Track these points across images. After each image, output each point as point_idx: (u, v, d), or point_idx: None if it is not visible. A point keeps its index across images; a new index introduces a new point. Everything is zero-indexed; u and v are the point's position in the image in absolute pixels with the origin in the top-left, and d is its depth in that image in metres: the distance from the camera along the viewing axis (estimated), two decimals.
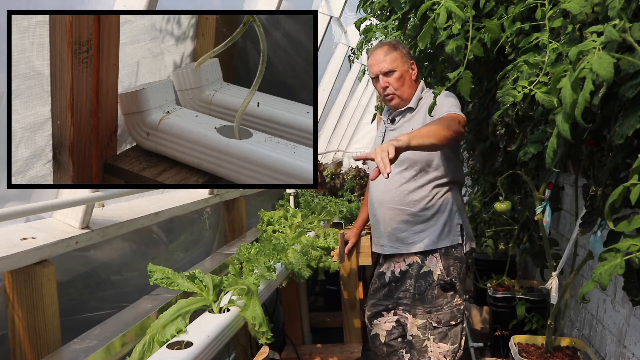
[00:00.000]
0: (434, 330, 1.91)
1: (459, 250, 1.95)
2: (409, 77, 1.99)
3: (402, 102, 2.01)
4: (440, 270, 1.91)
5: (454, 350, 1.92)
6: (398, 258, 2.02)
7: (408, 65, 1.99)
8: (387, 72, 1.97)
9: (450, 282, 1.91)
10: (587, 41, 0.92)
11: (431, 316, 1.91)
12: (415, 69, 2.01)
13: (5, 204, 1.48)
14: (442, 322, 1.91)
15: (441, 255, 1.93)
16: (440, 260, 1.92)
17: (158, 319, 1.29)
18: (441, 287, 1.90)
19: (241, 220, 2.81)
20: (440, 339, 1.91)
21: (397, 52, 1.98)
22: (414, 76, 2.00)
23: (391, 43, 2.01)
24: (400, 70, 1.96)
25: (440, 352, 1.91)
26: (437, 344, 1.91)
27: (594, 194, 1.27)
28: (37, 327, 1.33)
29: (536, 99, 1.25)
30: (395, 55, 1.97)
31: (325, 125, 6.34)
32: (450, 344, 1.91)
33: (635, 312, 1.70)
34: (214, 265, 2.02)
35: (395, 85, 1.97)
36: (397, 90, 1.98)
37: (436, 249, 1.93)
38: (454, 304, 1.92)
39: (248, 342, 2.41)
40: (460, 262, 1.94)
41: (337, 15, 4.42)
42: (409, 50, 2.02)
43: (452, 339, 1.91)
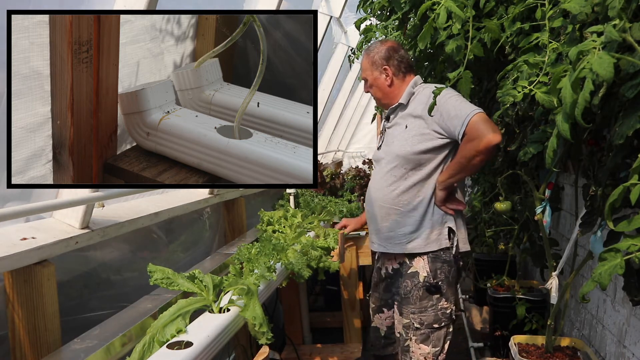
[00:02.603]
0: (416, 331, 1.91)
1: (447, 254, 1.91)
2: (381, 82, 1.99)
3: (388, 102, 2.02)
4: (426, 273, 1.90)
5: (435, 353, 1.90)
6: (390, 256, 2.03)
7: (379, 70, 1.98)
8: (364, 80, 2.05)
9: (435, 285, 1.89)
10: (587, 41, 0.92)
11: (415, 317, 1.91)
12: (389, 70, 1.97)
13: (5, 204, 1.48)
14: (424, 323, 1.89)
15: (429, 257, 1.91)
16: (428, 263, 1.90)
17: (158, 319, 1.29)
18: (426, 289, 1.89)
19: (241, 220, 2.81)
20: (421, 340, 1.90)
21: (368, 59, 2.01)
22: (388, 80, 1.98)
23: (367, 49, 2.04)
24: (370, 78, 2.01)
25: (420, 353, 1.90)
26: (418, 345, 1.91)
27: (594, 194, 1.27)
28: (37, 327, 1.33)
29: (536, 99, 1.25)
30: (365, 64, 2.02)
31: (325, 125, 6.34)
32: (431, 346, 1.90)
33: (635, 312, 1.70)
34: (214, 265, 2.02)
35: (370, 90, 2.05)
36: (374, 95, 2.05)
37: (423, 253, 1.92)
38: (439, 307, 1.90)
39: (248, 342, 2.41)
40: (449, 266, 1.91)
41: (337, 15, 4.42)
42: (387, 49, 1.98)
43: (434, 341, 1.90)
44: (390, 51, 1.98)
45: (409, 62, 2.02)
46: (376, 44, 2.03)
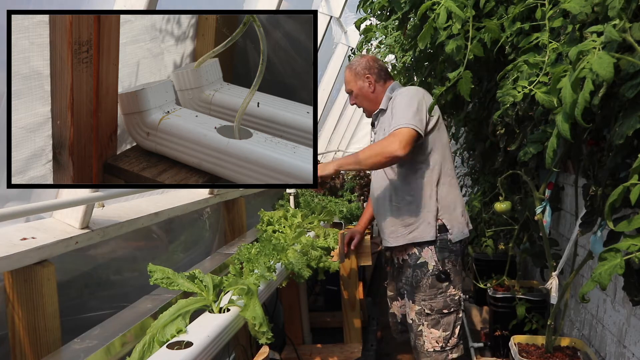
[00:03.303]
0: (427, 316, 2.05)
1: (454, 245, 2.05)
2: (366, 91, 2.13)
3: (373, 109, 2.17)
4: (435, 262, 2.03)
5: (446, 337, 2.04)
6: (400, 247, 2.14)
7: (362, 79, 2.13)
8: (349, 93, 2.19)
9: (445, 272, 2.02)
10: (587, 41, 0.92)
11: (425, 303, 2.04)
12: (372, 78, 2.11)
13: (5, 204, 1.48)
14: (435, 309, 2.03)
15: (436, 247, 2.04)
16: (436, 252, 2.03)
17: (158, 319, 1.29)
18: (436, 277, 2.02)
19: (241, 220, 2.81)
20: (432, 325, 2.04)
21: (350, 71, 2.15)
22: (372, 88, 2.13)
23: (349, 64, 2.19)
24: (355, 89, 2.15)
25: (432, 337, 2.04)
26: (430, 330, 2.04)
27: (594, 194, 1.27)
28: (37, 327, 1.33)
29: (536, 99, 1.25)
30: (349, 77, 2.16)
31: (325, 125, 6.34)
32: (442, 330, 2.04)
33: (635, 312, 1.70)
34: (214, 265, 2.02)
35: (357, 102, 2.18)
36: (361, 105, 2.19)
37: (432, 241, 2.04)
38: (448, 294, 2.04)
39: (248, 342, 2.41)
40: (455, 255, 2.06)
41: (337, 15, 4.42)
42: (367, 61, 2.14)
43: (444, 326, 2.04)
44: (370, 62, 2.15)
45: (387, 70, 2.19)
46: (356, 58, 2.21)
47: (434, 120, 2.00)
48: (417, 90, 2.02)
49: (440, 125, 2.05)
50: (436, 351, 2.04)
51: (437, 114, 2.02)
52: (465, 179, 3.77)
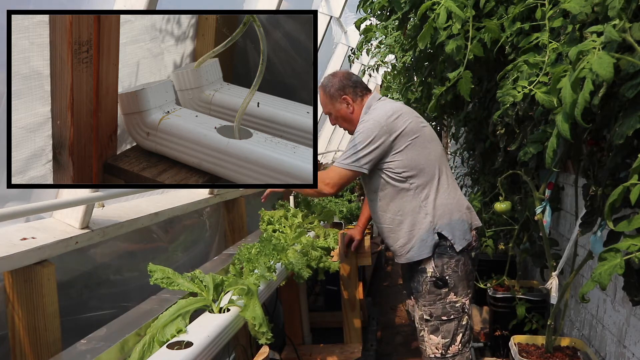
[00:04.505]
0: (427, 322, 2.02)
1: (453, 250, 1.95)
2: (344, 112, 2.06)
3: (353, 130, 2.08)
4: (432, 268, 1.97)
5: (445, 344, 1.99)
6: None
7: (339, 102, 2.05)
8: (328, 115, 2.14)
9: (442, 279, 1.95)
10: (587, 41, 0.92)
11: (425, 309, 2.01)
12: (348, 98, 2.03)
13: (5, 204, 1.48)
14: (434, 316, 1.99)
15: (434, 254, 1.96)
16: (433, 259, 1.96)
17: (158, 319, 1.29)
18: (434, 283, 1.97)
19: (241, 221, 2.81)
20: (432, 331, 2.01)
21: (325, 95, 2.08)
22: (350, 108, 2.05)
23: (322, 85, 2.10)
24: (333, 111, 2.09)
25: (432, 343, 2.01)
26: (430, 336, 2.01)
27: (594, 194, 1.27)
28: (37, 327, 1.33)
29: (536, 99, 1.25)
30: (324, 100, 2.09)
31: (325, 125, 6.34)
32: (441, 337, 1.99)
33: (635, 312, 1.70)
34: (216, 268, 2.02)
35: (338, 122, 2.13)
36: (341, 126, 2.13)
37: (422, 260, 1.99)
38: (447, 301, 1.97)
39: (248, 342, 2.41)
40: (456, 261, 1.95)
41: (337, 15, 4.42)
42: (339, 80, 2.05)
43: (443, 333, 1.99)
44: (344, 80, 2.06)
45: (362, 83, 2.10)
46: (328, 78, 2.11)
47: (404, 142, 1.89)
48: (375, 122, 1.89)
49: (424, 141, 1.92)
50: (436, 357, 1.99)
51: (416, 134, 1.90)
52: (465, 179, 3.78)
